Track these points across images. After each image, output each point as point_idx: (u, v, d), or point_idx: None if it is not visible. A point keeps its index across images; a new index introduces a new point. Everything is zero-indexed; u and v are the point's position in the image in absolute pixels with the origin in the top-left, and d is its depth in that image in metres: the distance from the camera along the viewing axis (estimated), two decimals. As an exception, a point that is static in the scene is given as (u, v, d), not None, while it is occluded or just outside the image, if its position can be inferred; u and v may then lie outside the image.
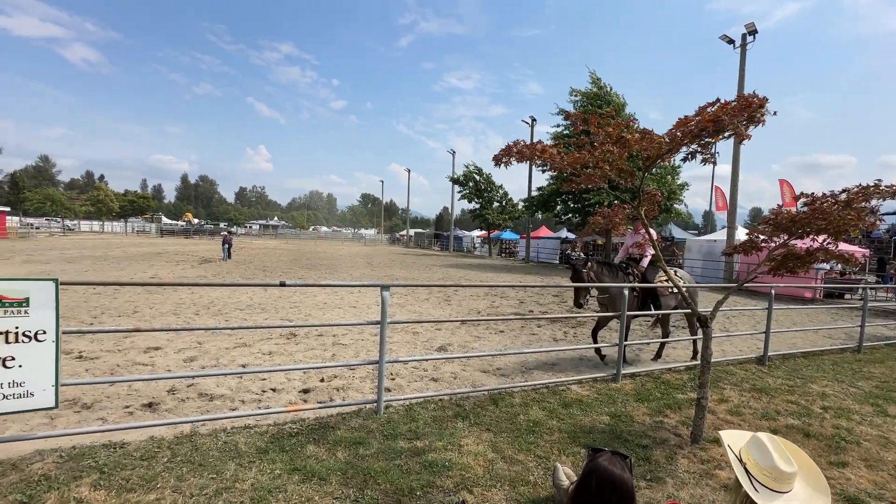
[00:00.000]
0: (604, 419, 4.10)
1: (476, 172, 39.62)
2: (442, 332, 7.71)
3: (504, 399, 4.44)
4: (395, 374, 5.37)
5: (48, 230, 44.44)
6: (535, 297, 12.69)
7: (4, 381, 2.78)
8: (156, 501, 2.52)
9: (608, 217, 4.62)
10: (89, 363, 5.18)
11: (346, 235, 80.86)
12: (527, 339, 7.64)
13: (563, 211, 28.66)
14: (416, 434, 3.57)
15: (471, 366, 5.85)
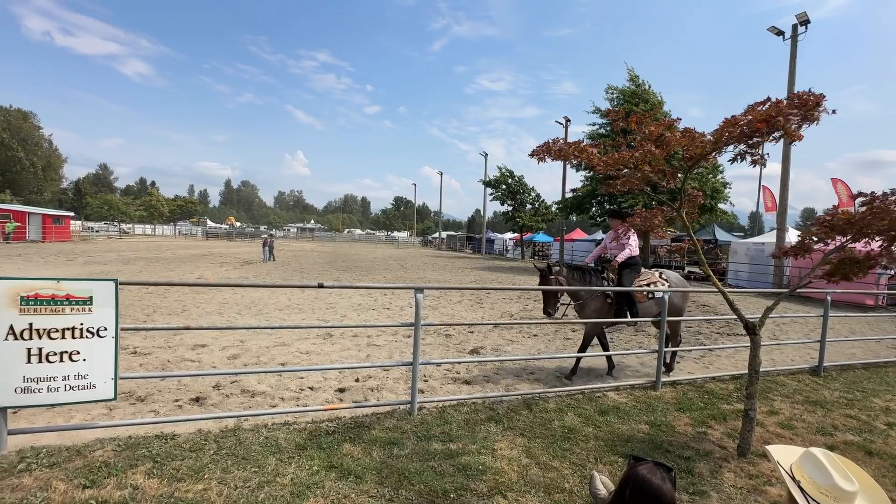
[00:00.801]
0: (643, 428, 3.96)
1: (508, 175, 39.37)
2: (474, 335, 7.70)
3: (538, 404, 4.38)
4: (428, 375, 5.40)
5: (106, 233, 47.72)
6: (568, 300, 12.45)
7: (70, 374, 3.01)
8: (203, 491, 2.66)
9: (646, 219, 4.47)
10: (143, 358, 5.52)
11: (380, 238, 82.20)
12: (561, 343, 7.51)
13: (598, 213, 27.99)
14: (450, 436, 3.58)
15: (504, 369, 5.81)
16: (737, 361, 6.73)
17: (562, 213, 30.39)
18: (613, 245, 5.76)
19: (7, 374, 2.87)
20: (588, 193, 25.99)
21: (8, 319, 2.83)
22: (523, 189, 39.54)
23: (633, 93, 24.66)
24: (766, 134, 3.14)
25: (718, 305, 12.49)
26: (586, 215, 28.65)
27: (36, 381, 2.93)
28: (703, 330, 9.17)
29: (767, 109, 3.07)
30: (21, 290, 2.86)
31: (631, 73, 25.40)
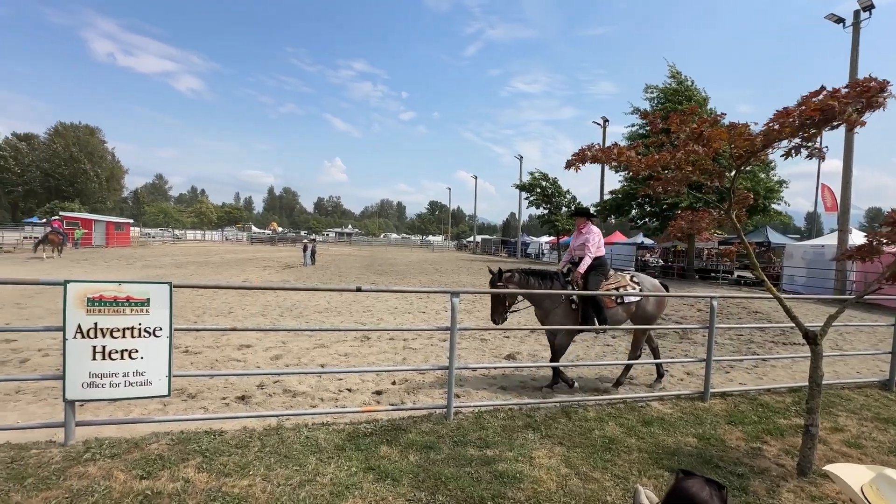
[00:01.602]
0: (690, 441, 3.77)
1: (543, 178, 38.84)
2: (510, 340, 7.61)
3: (577, 412, 4.26)
4: (464, 380, 5.38)
5: (162, 239, 50.91)
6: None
7: (130, 370, 3.22)
8: (248, 487, 2.76)
9: (692, 221, 4.26)
10: (193, 357, 5.82)
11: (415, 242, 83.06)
12: (600, 350, 7.28)
13: (638, 215, 27.03)
14: (486, 442, 3.54)
15: (541, 376, 5.69)
16: (794, 373, 6.28)
17: (599, 216, 29.61)
18: (577, 246, 5.26)
19: (75, 370, 3.10)
20: (627, 195, 25.20)
21: (77, 319, 3.07)
22: (559, 192, 38.86)
23: (675, 91, 23.71)
24: (822, 123, 2.93)
25: (773, 312, 11.74)
26: (626, 218, 27.78)
27: (100, 376, 3.15)
28: (756, 338, 8.63)
29: (823, 99, 2.85)
30: (88, 292, 3.09)
31: (672, 70, 24.45)
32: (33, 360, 5.47)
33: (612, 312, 5.04)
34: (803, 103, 2.97)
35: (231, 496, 2.65)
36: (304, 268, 21.62)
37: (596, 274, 5.12)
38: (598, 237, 5.17)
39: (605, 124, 31.47)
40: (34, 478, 2.74)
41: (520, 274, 5.01)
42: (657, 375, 5.46)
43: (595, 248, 5.09)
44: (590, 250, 5.06)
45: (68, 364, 3.11)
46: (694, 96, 23.30)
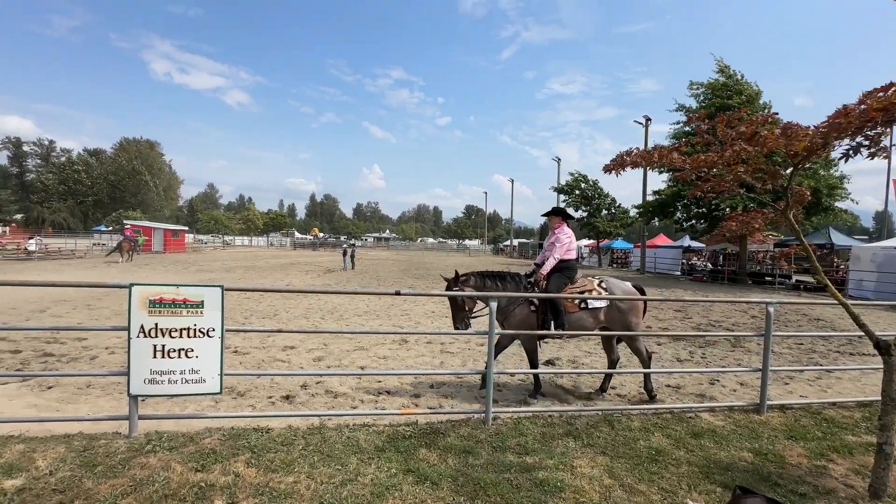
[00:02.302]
0: (745, 456, 3.54)
1: (582, 180, 37.98)
2: (549, 346, 7.47)
3: (620, 421, 4.12)
4: (503, 385, 5.33)
5: (212, 245, 53.91)
6: (653, 312, 11.59)
7: (186, 369, 3.42)
8: (294, 484, 2.85)
9: (744, 223, 4.03)
10: (242, 357, 6.11)
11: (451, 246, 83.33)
12: (645, 357, 6.99)
13: (684, 217, 25.84)
14: (525, 449, 3.49)
15: (581, 382, 5.55)
16: (863, 386, 5.78)
17: (642, 218, 28.55)
18: (547, 246, 5.08)
19: (139, 367, 3.34)
20: (673, 196, 24.14)
21: (140, 319, 3.31)
22: (598, 194, 37.86)
23: (724, 85, 22.54)
24: (885, 123, 2.69)
25: (837, 320, 10.86)
26: (670, 219, 26.62)
27: (160, 373, 3.38)
28: (819, 347, 8.01)
29: (889, 96, 2.62)
30: (150, 295, 3.32)
31: (720, 64, 23.27)
32: (101, 357, 5.93)
33: (576, 317, 4.77)
34: (864, 100, 2.74)
35: (277, 492, 2.76)
36: (343, 272, 22.21)
37: (560, 276, 4.89)
38: (569, 239, 4.97)
39: (647, 123, 30.37)
40: (103, 466, 2.97)
41: (476, 277, 4.87)
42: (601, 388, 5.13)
43: (562, 250, 4.89)
44: (556, 252, 4.88)
45: (132, 361, 3.35)
46: (745, 90, 22.05)
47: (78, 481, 2.78)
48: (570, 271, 4.94)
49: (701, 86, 23.64)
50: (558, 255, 4.85)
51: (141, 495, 2.66)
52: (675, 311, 11.83)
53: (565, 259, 4.91)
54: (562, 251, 4.87)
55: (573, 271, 4.96)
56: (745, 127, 3.36)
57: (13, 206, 72.50)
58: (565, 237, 4.93)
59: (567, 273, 4.92)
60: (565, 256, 4.91)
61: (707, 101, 22.50)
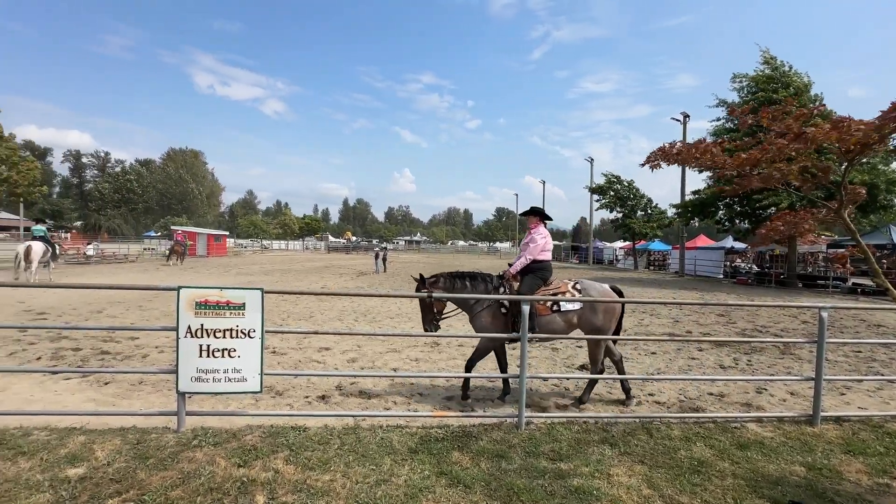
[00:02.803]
0: (797, 470, 3.34)
1: (615, 180, 37.02)
2: (583, 350, 7.30)
3: (659, 430, 3.98)
4: (535, 389, 5.26)
5: (252, 249, 56.08)
6: (693, 316, 11.13)
7: (229, 368, 3.58)
8: (330, 482, 2.93)
9: (792, 223, 3.81)
10: (280, 357, 6.32)
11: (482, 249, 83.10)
12: (684, 363, 6.73)
13: (726, 217, 24.71)
14: (559, 455, 3.43)
15: (617, 388, 5.39)
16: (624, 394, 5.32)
17: (681, 219, 27.51)
18: (522, 246, 4.99)
19: (186, 366, 3.52)
20: (714, 195, 23.11)
21: (187, 320, 3.49)
22: (634, 194, 36.79)
23: (769, 78, 21.44)
24: None
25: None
26: (711, 220, 25.51)
27: (205, 372, 3.55)
28: (879, 356, 7.45)
29: None
30: (196, 297, 3.50)
31: (766, 56, 22.15)
32: (152, 355, 6.28)
33: (547, 320, 4.61)
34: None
35: (315, 489, 2.84)
36: (376, 275, 22.57)
37: (533, 277, 4.74)
38: (543, 239, 4.82)
39: (685, 120, 29.27)
40: (154, 459, 3.14)
41: (446, 278, 4.78)
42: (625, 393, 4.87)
43: (536, 251, 4.75)
44: (529, 252, 4.76)
45: (180, 360, 3.54)
46: (793, 82, 20.88)
47: (132, 472, 2.96)
48: (544, 272, 4.81)
49: (744, 78, 22.59)
50: (531, 255, 4.74)
51: (188, 488, 2.80)
52: (718, 316, 11.31)
53: (539, 260, 4.79)
54: (536, 251, 4.76)
55: (547, 272, 4.84)
56: (793, 121, 3.19)
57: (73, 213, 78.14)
58: (540, 237, 4.81)
59: (540, 274, 4.79)
60: (539, 257, 4.79)
61: (751, 95, 21.45)
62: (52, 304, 10.37)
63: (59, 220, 67.16)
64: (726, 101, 23.06)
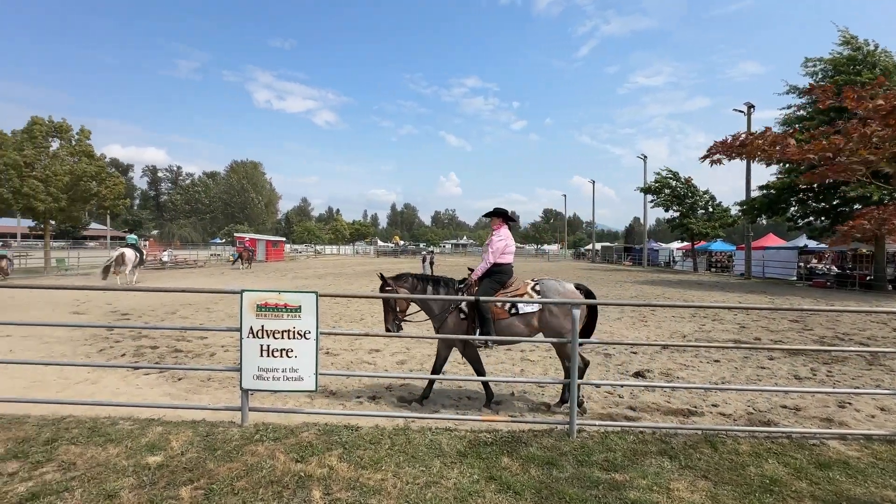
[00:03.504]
0: (889, 495, 2.99)
1: (673, 177, 35.09)
2: (638, 357, 6.98)
3: (724, 443, 3.71)
4: (587, 396, 5.09)
5: (306, 254, 58.78)
6: (762, 322, 10.30)
7: (287, 367, 3.77)
8: (381, 481, 3.00)
9: (880, 220, 3.42)
10: (333, 358, 6.56)
11: (529, 252, 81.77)
12: (753, 373, 6.24)
13: (799, 213, 22.68)
14: (614, 465, 3.29)
15: (676, 398, 5.10)
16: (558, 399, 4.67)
17: (747, 216, 25.56)
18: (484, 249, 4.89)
19: (249, 364, 3.75)
20: (785, 189, 21.30)
21: (249, 322, 3.72)
22: (692, 192, 34.68)
23: (850, 59, 19.49)
24: None
25: None
26: (781, 217, 23.51)
27: (265, 370, 3.76)
28: None
29: None
30: (257, 300, 3.73)
31: (845, 36, 20.15)
32: (218, 354, 6.75)
33: (506, 324, 4.52)
34: None
35: (367, 487, 2.92)
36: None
37: (490, 281, 4.67)
38: (503, 241, 4.74)
39: (749, 111, 27.23)
40: (221, 451, 3.37)
41: (413, 278, 4.79)
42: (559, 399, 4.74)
43: (496, 253, 4.70)
44: (488, 255, 4.73)
45: (243, 359, 3.78)
46: (880, 63, 18.81)
47: (202, 462, 3.19)
48: (502, 275, 4.74)
49: (819, 62, 20.67)
50: (490, 259, 4.70)
51: (252, 479, 2.98)
52: (791, 322, 10.38)
53: (499, 263, 4.72)
54: (495, 255, 4.71)
55: (505, 275, 4.76)
56: (884, 101, 2.87)
57: (151, 223, 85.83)
58: (498, 240, 4.74)
59: (497, 277, 4.71)
60: (499, 260, 4.72)
61: (828, 80, 19.59)
62: (133, 305, 11.44)
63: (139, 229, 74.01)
64: (798, 87, 21.23)
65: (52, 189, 21.82)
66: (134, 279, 17.62)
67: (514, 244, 4.92)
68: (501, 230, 4.84)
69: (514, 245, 4.90)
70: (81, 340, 7.47)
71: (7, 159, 20.90)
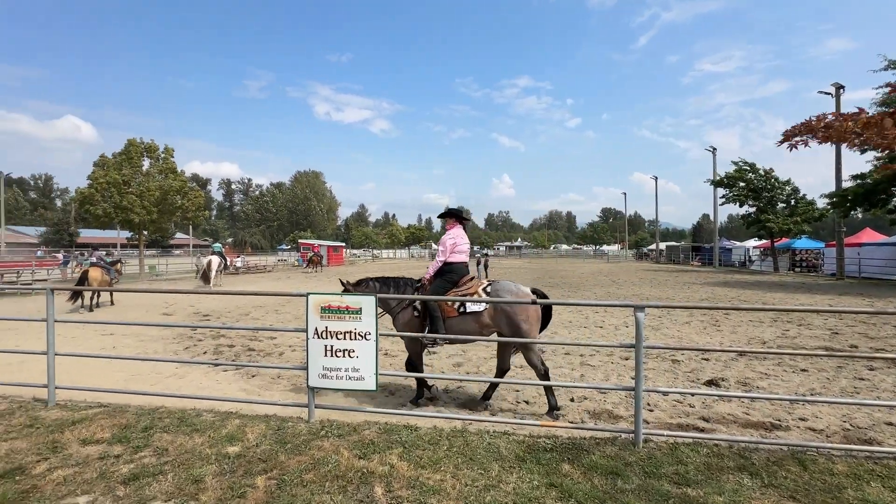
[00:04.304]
0: None
1: (749, 168, 32.25)
2: (710, 364, 6.50)
3: (815, 462, 3.35)
4: (653, 405, 4.82)
5: (364, 258, 60.96)
6: (859, 328, 9.17)
7: (349, 367, 3.93)
8: (441, 482, 3.03)
9: None
10: (391, 359, 6.74)
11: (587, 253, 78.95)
12: (848, 384, 5.58)
13: (905, 204, 19.95)
14: (686, 479, 3.09)
15: (757, 410, 4.69)
16: None
17: (837, 210, 22.89)
18: None
19: (315, 363, 3.96)
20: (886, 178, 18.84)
21: (314, 323, 3.93)
22: (772, 184, 31.66)
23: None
24: None
25: None
26: (881, 209, 20.80)
27: (329, 370, 3.95)
28: None
29: None
30: (321, 303, 3.93)
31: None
32: (286, 353, 7.18)
33: (455, 322, 4.60)
34: None
35: (427, 487, 2.96)
36: (478, 281, 22.82)
37: (441, 281, 4.79)
38: (453, 240, 4.84)
39: (837, 92, 24.43)
40: (291, 444, 3.59)
41: (373, 281, 5.04)
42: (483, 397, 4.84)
43: (446, 252, 4.82)
44: (438, 255, 4.87)
45: (309, 358, 3.99)
46: None
47: (275, 454, 3.42)
48: (453, 275, 4.81)
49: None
50: (441, 258, 4.84)
51: (319, 473, 3.14)
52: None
53: (450, 262, 4.83)
54: (445, 253, 4.83)
55: (457, 275, 4.83)
56: None
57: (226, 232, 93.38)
58: (448, 239, 4.86)
59: (448, 277, 4.80)
60: (451, 259, 4.83)
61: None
62: (213, 307, 12.49)
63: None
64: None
65: (146, 203, 24.50)
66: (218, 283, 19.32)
67: (468, 243, 5.04)
68: (453, 229, 4.95)
69: (468, 244, 5.03)
70: (170, 339, 8.28)
71: (110, 178, 23.77)
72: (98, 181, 23.77)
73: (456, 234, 4.92)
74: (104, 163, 24.86)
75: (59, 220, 59.78)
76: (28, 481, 3.05)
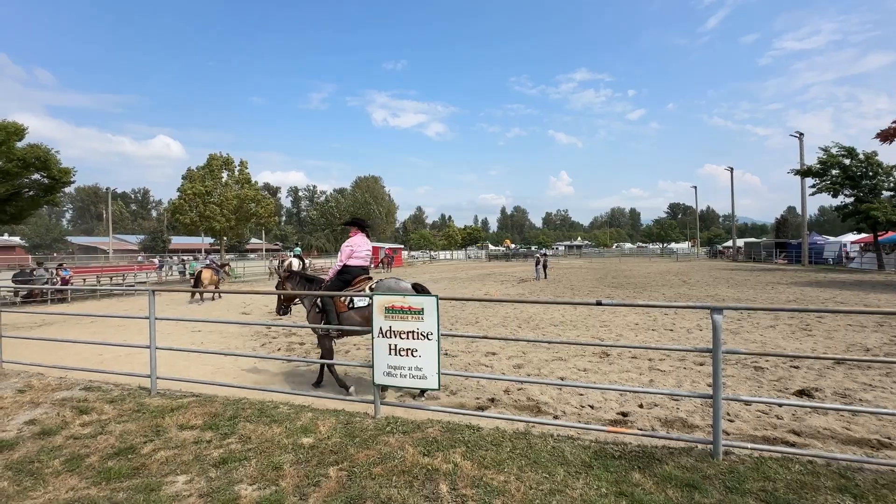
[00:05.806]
0: None
1: (846, 153, 28.70)
2: (801, 371, 5.89)
3: (938, 488, 2.92)
4: (734, 415, 4.46)
5: (422, 259, 62.10)
6: None
7: (412, 366, 4.04)
8: (504, 483, 3.03)
9: None
10: (451, 359, 6.82)
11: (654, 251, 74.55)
12: None
13: None
14: (774, 497, 2.83)
15: (860, 425, 4.18)
16: None
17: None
18: None
19: (381, 362, 4.12)
20: None
21: (379, 323, 4.09)
22: (875, 170, 27.94)
23: None
24: None
25: None
26: None
27: (394, 368, 4.09)
28: None
29: None
30: (385, 303, 4.08)
31: None
32: (352, 352, 7.52)
33: (345, 316, 5.31)
34: None
35: (491, 487, 2.97)
36: (536, 281, 22.42)
37: (336, 280, 5.51)
38: (350, 248, 5.51)
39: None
40: (359, 438, 3.76)
41: (297, 277, 5.91)
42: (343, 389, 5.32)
43: (343, 257, 5.53)
44: (338, 260, 5.58)
45: (375, 357, 4.16)
46: None
47: (345, 447, 3.60)
48: (346, 275, 5.51)
49: None
50: (340, 262, 5.54)
51: (386, 467, 3.26)
52: None
53: (347, 265, 5.51)
54: (343, 258, 5.53)
55: (349, 275, 5.52)
56: None
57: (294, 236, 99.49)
58: (346, 248, 5.52)
59: (343, 277, 5.51)
60: (348, 263, 5.51)
61: None
62: (284, 307, 13.36)
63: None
64: None
65: (225, 211, 26.84)
66: None
67: (368, 249, 5.69)
68: (353, 237, 5.61)
69: (367, 250, 5.68)
70: (248, 336, 8.99)
71: (196, 190, 26.33)
72: (186, 192, 26.45)
73: (354, 242, 5.57)
74: (191, 175, 27.63)
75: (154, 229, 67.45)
76: (138, 459, 3.47)
